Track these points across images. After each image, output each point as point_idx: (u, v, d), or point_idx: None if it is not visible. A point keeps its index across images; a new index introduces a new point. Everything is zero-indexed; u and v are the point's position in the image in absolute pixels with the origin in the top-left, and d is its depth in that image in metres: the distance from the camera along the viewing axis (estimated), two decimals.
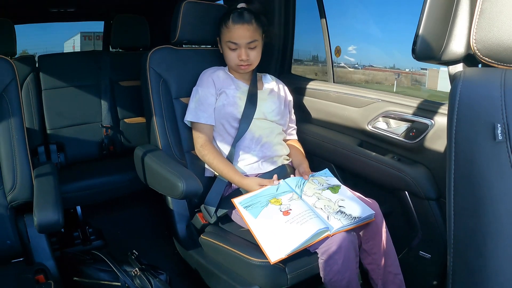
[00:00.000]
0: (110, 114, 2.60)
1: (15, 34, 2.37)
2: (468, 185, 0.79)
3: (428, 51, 0.91)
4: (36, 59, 2.59)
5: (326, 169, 1.71)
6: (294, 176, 1.68)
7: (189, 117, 1.76)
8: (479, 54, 0.83)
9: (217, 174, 1.72)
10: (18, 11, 2.55)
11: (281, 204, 1.47)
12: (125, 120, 2.68)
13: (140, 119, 2.66)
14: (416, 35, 0.89)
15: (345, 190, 1.58)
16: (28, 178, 1.50)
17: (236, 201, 1.52)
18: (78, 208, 2.28)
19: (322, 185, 1.59)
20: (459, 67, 0.95)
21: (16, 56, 2.48)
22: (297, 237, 1.33)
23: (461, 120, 0.80)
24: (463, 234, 0.81)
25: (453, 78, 0.89)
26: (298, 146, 1.90)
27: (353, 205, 1.48)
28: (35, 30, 3.20)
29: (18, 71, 1.56)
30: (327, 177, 1.66)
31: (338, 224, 1.38)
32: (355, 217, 1.42)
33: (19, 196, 1.48)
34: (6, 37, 2.33)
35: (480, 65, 0.90)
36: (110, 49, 2.87)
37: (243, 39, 1.70)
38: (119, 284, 1.55)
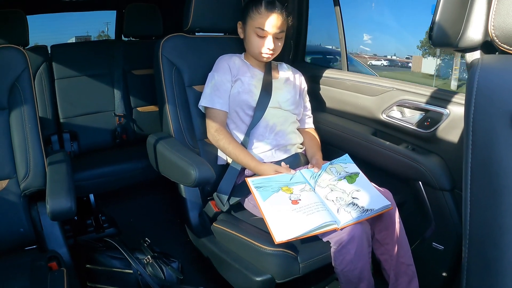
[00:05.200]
0: (123, 103, 2.61)
1: (27, 24, 2.38)
2: (485, 175, 0.77)
3: (444, 38, 0.89)
4: (49, 49, 2.60)
5: (346, 154, 1.67)
6: (309, 165, 1.67)
7: (203, 102, 1.74)
8: (497, 41, 0.81)
9: (230, 162, 1.71)
10: (30, 2, 2.55)
11: (292, 193, 1.46)
12: (138, 108, 2.69)
13: (153, 108, 2.67)
14: (433, 22, 0.87)
15: (362, 178, 1.54)
16: (41, 166, 1.51)
17: (249, 179, 1.51)
18: (91, 196, 2.30)
19: (340, 174, 1.57)
20: (476, 55, 0.92)
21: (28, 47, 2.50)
22: (301, 226, 1.32)
23: (478, 108, 0.78)
24: (479, 225, 0.79)
25: (470, 66, 0.87)
26: (314, 135, 1.88)
27: (368, 196, 1.45)
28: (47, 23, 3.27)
29: (31, 61, 1.57)
30: (346, 163, 1.62)
31: (347, 217, 1.36)
32: (367, 210, 1.39)
33: (32, 184, 1.50)
34: (19, 27, 2.33)
35: (497, 53, 0.88)
36: (123, 38, 2.87)
37: (274, 28, 1.67)
38: (131, 271, 1.57)
